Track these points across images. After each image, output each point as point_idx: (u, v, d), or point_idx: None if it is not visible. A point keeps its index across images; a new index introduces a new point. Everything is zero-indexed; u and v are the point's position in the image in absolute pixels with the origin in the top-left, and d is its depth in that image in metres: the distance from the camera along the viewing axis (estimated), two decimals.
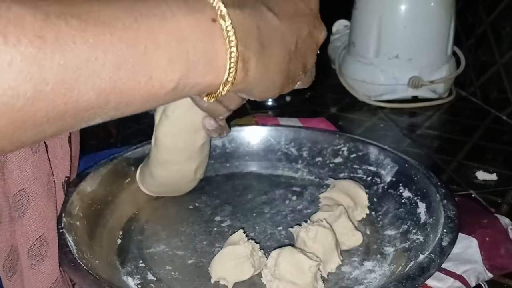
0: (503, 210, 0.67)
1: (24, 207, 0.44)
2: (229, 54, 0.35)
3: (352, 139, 0.69)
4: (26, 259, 0.44)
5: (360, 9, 1.03)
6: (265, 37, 0.38)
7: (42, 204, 0.45)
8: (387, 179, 0.63)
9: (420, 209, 0.56)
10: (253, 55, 0.37)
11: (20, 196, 0.43)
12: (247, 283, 0.50)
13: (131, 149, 0.67)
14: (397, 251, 0.54)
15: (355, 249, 0.55)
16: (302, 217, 0.60)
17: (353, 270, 0.52)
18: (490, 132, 0.91)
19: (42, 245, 0.45)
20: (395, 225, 0.58)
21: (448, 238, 0.48)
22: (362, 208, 0.60)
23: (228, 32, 0.34)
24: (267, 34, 0.38)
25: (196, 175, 0.61)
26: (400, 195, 0.61)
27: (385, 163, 0.64)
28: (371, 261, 0.53)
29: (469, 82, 1.07)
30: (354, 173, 0.67)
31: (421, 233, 0.53)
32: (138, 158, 0.66)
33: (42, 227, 0.45)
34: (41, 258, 0.45)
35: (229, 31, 0.34)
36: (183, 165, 0.59)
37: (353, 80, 1.05)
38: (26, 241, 0.44)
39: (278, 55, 0.39)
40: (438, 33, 0.99)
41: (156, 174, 0.60)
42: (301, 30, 0.42)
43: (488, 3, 0.99)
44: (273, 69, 0.39)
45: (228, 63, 0.35)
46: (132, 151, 0.66)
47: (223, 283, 0.50)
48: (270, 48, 0.38)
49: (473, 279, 0.52)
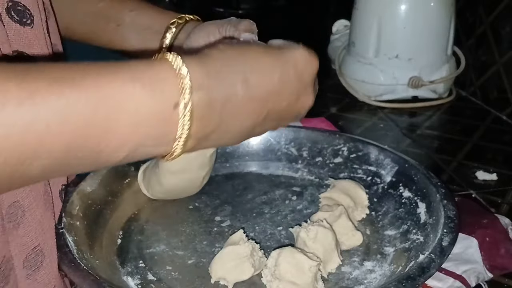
0: (503, 210, 0.67)
1: (19, 218, 0.43)
2: (180, 136, 0.34)
3: (352, 139, 0.69)
4: (22, 269, 0.44)
5: (360, 9, 1.03)
6: (228, 112, 0.37)
7: (38, 215, 0.45)
8: (387, 179, 0.63)
9: (420, 209, 0.56)
10: (209, 132, 0.36)
11: (15, 208, 0.43)
12: (247, 283, 0.50)
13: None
14: (397, 251, 0.54)
15: (355, 249, 0.55)
16: (302, 217, 0.60)
17: (353, 270, 0.52)
18: (490, 132, 0.91)
19: (37, 255, 0.45)
20: (395, 225, 0.58)
21: (448, 238, 0.48)
22: (362, 208, 0.60)
23: (185, 117, 0.34)
24: (231, 108, 0.37)
25: (203, 181, 0.62)
26: (400, 195, 0.61)
27: (385, 163, 0.64)
28: (371, 261, 0.53)
29: (469, 82, 1.07)
30: (354, 173, 0.67)
31: (421, 233, 0.53)
32: None
33: (38, 237, 0.45)
34: (37, 268, 0.45)
35: (186, 117, 0.34)
36: (194, 173, 0.60)
37: (353, 80, 1.05)
38: (21, 251, 0.43)
39: (239, 126, 0.39)
40: (438, 33, 0.99)
41: (165, 182, 0.60)
42: (279, 101, 0.40)
43: (488, 3, 0.99)
44: (229, 137, 0.39)
45: (177, 142, 0.35)
46: None
47: (223, 283, 0.50)
48: (231, 122, 0.37)
49: (473, 279, 0.52)
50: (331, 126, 0.87)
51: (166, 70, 0.34)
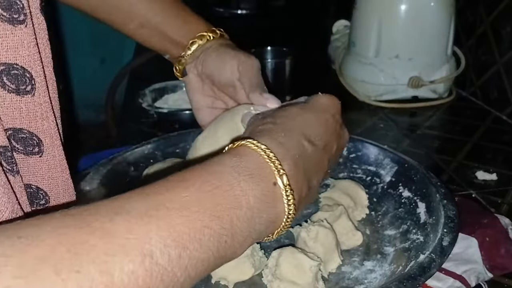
0: (503, 210, 0.67)
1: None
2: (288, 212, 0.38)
3: (351, 139, 0.69)
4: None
5: (360, 9, 1.03)
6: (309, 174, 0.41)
7: None
8: (386, 179, 0.63)
9: (420, 209, 0.56)
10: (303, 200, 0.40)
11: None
12: (248, 283, 0.50)
13: (131, 149, 0.67)
14: (397, 251, 0.54)
15: (355, 249, 0.55)
16: (302, 217, 0.60)
17: (353, 270, 0.52)
18: (490, 132, 0.91)
19: None
20: (395, 225, 0.58)
21: (448, 238, 0.48)
22: (362, 208, 0.60)
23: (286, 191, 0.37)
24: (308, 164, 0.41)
25: None
26: (399, 195, 0.60)
27: (385, 163, 0.64)
28: (371, 261, 0.53)
29: (469, 82, 1.07)
30: (353, 173, 0.67)
31: (421, 233, 0.53)
32: (137, 158, 0.66)
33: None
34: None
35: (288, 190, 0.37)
36: None
37: (353, 80, 1.05)
38: None
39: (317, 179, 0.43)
40: (438, 33, 0.99)
41: None
42: (333, 148, 0.45)
43: (488, 3, 0.99)
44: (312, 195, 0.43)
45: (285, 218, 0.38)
46: (132, 151, 0.66)
47: (223, 283, 0.50)
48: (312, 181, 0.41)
49: (473, 279, 0.52)
50: None
51: (253, 155, 0.37)
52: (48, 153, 0.38)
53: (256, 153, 0.37)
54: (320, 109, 0.46)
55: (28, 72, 0.35)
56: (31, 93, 0.35)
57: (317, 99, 0.47)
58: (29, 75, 0.35)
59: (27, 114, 0.36)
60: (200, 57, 0.59)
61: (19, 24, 0.34)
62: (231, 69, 0.56)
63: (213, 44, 0.59)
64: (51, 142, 0.38)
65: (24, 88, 0.35)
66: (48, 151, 0.38)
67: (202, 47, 0.59)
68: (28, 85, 0.35)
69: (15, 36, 0.34)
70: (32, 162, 0.38)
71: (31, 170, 0.38)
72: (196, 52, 0.59)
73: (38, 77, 0.36)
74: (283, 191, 0.37)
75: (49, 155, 0.38)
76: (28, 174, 0.38)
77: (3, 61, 0.34)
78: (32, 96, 0.35)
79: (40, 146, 0.38)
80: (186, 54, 0.60)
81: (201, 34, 0.59)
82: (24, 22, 0.34)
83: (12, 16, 0.33)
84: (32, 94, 0.35)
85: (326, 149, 0.44)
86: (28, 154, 0.37)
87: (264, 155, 0.37)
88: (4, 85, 0.34)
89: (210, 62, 0.58)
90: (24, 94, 0.35)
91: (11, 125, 0.36)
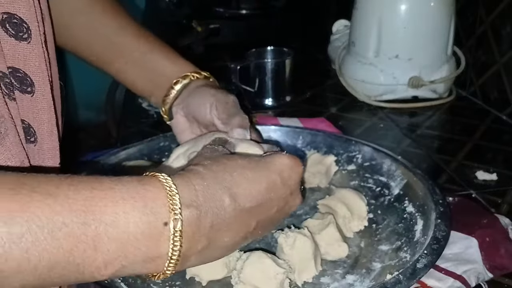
0: (503, 210, 0.67)
1: None
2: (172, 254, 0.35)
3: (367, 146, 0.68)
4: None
5: (360, 9, 1.03)
6: (218, 228, 0.38)
7: None
8: (395, 192, 0.62)
9: (418, 226, 0.55)
10: (200, 249, 0.37)
11: None
12: (222, 283, 0.51)
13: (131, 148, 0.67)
14: (384, 268, 0.52)
15: (342, 260, 0.54)
16: (299, 222, 0.59)
17: (332, 282, 0.51)
18: (490, 132, 0.91)
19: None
20: (390, 240, 0.56)
21: (425, 260, 0.46)
22: (360, 219, 0.58)
23: (175, 236, 0.35)
24: (221, 224, 0.38)
25: None
26: (403, 209, 0.59)
27: (396, 174, 0.63)
28: (355, 275, 0.52)
29: (469, 82, 1.07)
30: (365, 182, 0.66)
31: (410, 251, 0.51)
32: (137, 158, 0.66)
33: None
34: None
35: (177, 235, 0.35)
36: None
37: (353, 80, 1.05)
38: None
39: (231, 239, 0.39)
40: (438, 33, 0.99)
41: None
42: (268, 210, 0.42)
43: (488, 3, 0.99)
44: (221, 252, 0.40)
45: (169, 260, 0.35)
46: (131, 150, 0.66)
47: (198, 280, 0.51)
48: (221, 237, 0.38)
49: (473, 279, 0.52)
50: (331, 126, 0.87)
51: (157, 189, 0.35)
52: (38, 95, 0.43)
53: (163, 189, 0.35)
54: (272, 169, 0.42)
55: (25, 23, 0.41)
56: (27, 40, 0.42)
57: (276, 158, 0.43)
58: (26, 25, 0.42)
59: (24, 57, 0.42)
60: (185, 98, 0.59)
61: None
62: (210, 107, 0.56)
63: (197, 84, 0.59)
64: (42, 87, 0.43)
65: (22, 35, 0.42)
66: (39, 92, 0.43)
67: (186, 87, 0.60)
68: (25, 34, 0.42)
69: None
70: (26, 100, 0.43)
71: (25, 106, 0.43)
72: (181, 92, 0.60)
73: (34, 28, 0.42)
74: (171, 234, 0.35)
75: (39, 97, 0.43)
76: (23, 110, 0.43)
77: (5, 10, 0.41)
78: (28, 44, 0.42)
79: (32, 87, 0.43)
80: (170, 94, 0.60)
81: (185, 74, 0.60)
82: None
83: None
84: (28, 42, 0.42)
85: (256, 211, 0.40)
86: (23, 92, 0.42)
87: (168, 194, 0.35)
88: (7, 30, 0.41)
89: (192, 102, 0.58)
90: (22, 40, 0.42)
91: (10, 64, 0.41)
